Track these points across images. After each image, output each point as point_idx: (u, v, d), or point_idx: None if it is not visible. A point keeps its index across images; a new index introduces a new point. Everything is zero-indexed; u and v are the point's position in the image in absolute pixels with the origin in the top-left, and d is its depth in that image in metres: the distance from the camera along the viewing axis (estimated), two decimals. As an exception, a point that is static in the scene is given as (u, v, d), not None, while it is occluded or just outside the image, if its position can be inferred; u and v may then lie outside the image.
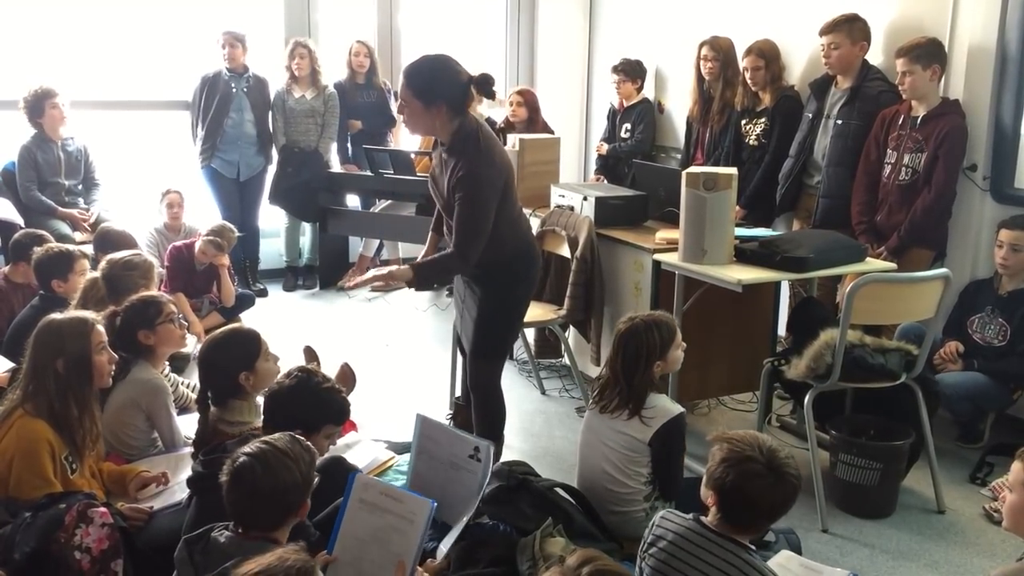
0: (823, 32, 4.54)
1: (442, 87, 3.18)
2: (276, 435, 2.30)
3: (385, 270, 3.32)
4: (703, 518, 2.30)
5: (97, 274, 3.90)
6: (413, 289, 3.23)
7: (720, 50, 5.23)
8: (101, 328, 2.99)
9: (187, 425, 3.42)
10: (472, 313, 3.48)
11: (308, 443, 2.32)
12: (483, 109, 6.31)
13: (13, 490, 2.73)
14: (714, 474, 2.24)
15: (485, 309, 3.43)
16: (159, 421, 3.36)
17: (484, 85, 3.25)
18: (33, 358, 2.86)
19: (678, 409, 3.04)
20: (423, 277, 3.33)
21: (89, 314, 3.07)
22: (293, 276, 6.75)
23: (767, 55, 4.91)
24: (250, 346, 3.06)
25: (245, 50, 6.21)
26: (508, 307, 3.49)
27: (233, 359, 3.00)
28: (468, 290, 3.51)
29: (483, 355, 3.52)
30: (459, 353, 3.96)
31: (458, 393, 4.14)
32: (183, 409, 3.67)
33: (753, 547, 2.28)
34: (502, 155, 3.34)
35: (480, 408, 3.60)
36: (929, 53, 4.16)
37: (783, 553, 2.76)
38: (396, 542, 2.35)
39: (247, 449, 2.22)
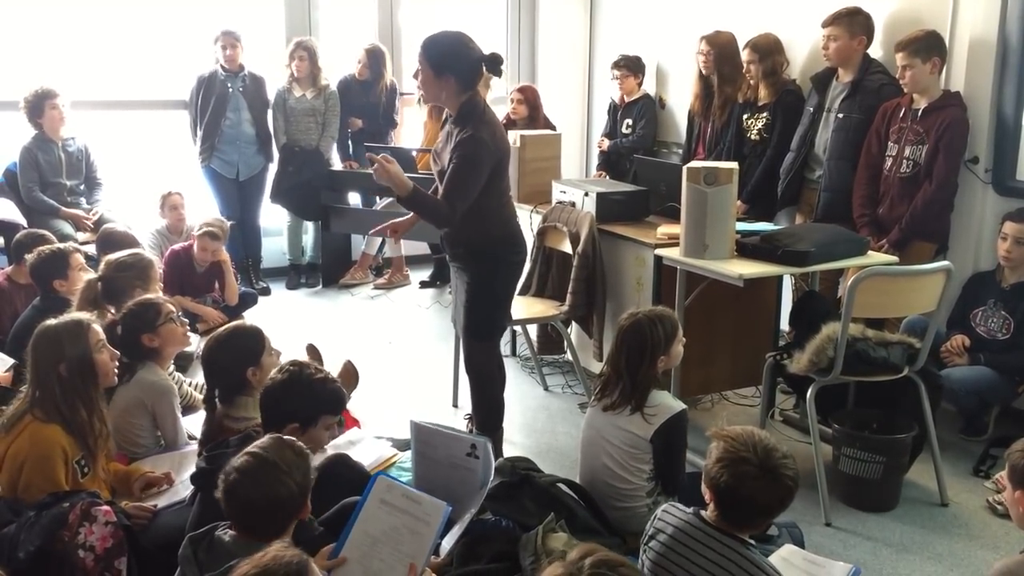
0: (824, 24, 4.54)
1: (452, 61, 3.40)
2: (265, 442, 2.24)
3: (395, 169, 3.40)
4: (703, 512, 2.31)
5: (94, 275, 3.90)
6: (398, 200, 3.46)
7: (715, 45, 5.22)
8: (97, 327, 2.99)
9: (192, 424, 3.44)
10: (462, 297, 3.64)
11: (301, 446, 2.29)
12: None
13: (22, 493, 2.74)
14: (710, 472, 2.25)
15: (472, 291, 3.60)
16: (164, 421, 3.38)
17: (492, 63, 3.47)
18: (35, 365, 2.87)
19: (680, 406, 3.04)
20: (414, 198, 3.43)
21: (83, 315, 3.08)
22: (296, 274, 6.76)
23: (761, 49, 4.90)
24: (254, 342, 3.08)
25: (242, 49, 6.22)
26: (493, 288, 3.64)
27: (239, 356, 3.02)
28: (458, 278, 3.69)
29: (473, 335, 3.67)
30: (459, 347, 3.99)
31: (461, 396, 4.17)
32: (188, 408, 3.68)
33: (752, 542, 2.28)
34: (502, 133, 3.54)
35: (476, 391, 3.72)
36: (928, 46, 4.15)
37: (786, 547, 2.75)
38: (408, 543, 2.36)
39: (237, 463, 2.18)
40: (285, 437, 2.30)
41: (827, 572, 2.64)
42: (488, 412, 3.69)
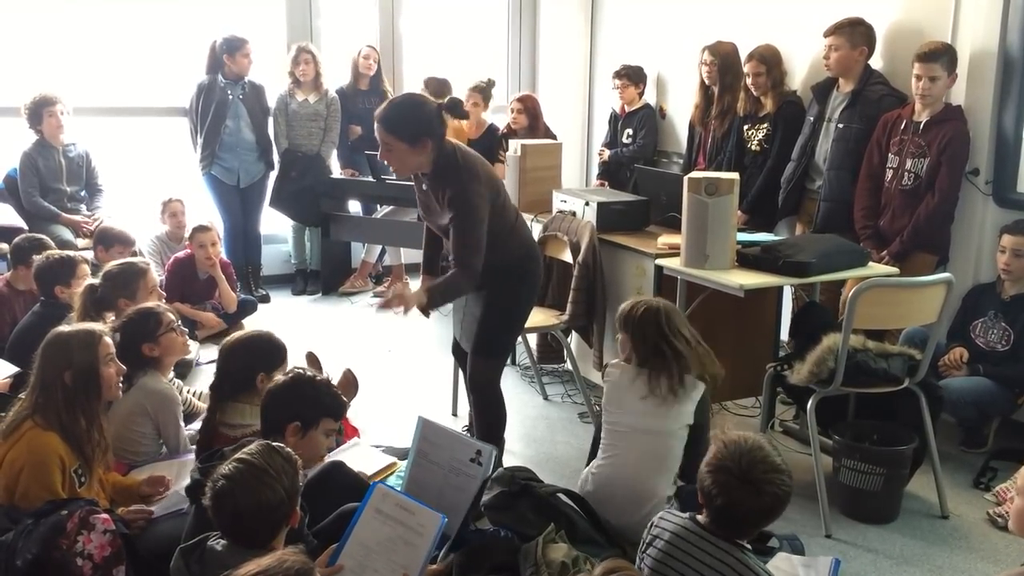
0: (826, 34, 4.55)
1: (423, 124, 3.27)
2: (253, 448, 2.24)
3: (397, 291, 3.42)
4: (699, 517, 2.31)
5: (95, 281, 3.90)
6: (424, 313, 3.41)
7: (718, 55, 5.24)
8: (108, 340, 2.99)
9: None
10: (476, 312, 3.54)
11: (290, 452, 2.29)
12: (487, 115, 6.33)
13: (19, 500, 2.73)
14: (700, 475, 2.28)
15: (489, 308, 3.50)
16: (167, 429, 3.39)
17: (454, 108, 3.39)
18: (41, 371, 2.86)
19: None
20: (434, 299, 3.39)
21: (96, 326, 3.08)
22: (302, 280, 6.76)
23: (768, 60, 4.91)
24: (275, 354, 3.12)
25: None
26: (511, 306, 3.57)
27: (257, 359, 3.05)
28: (472, 294, 3.57)
29: (484, 353, 3.57)
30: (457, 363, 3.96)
31: (461, 405, 4.15)
32: (189, 416, 3.67)
33: (748, 546, 2.28)
34: (484, 167, 3.43)
35: (479, 408, 3.65)
36: (952, 60, 4.16)
37: (778, 555, 2.76)
38: (403, 553, 2.35)
39: (224, 471, 2.17)
40: (274, 443, 2.30)
41: (813, 569, 2.64)
42: (489, 427, 3.64)
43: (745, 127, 5.14)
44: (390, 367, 5.17)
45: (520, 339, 4.86)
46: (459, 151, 3.37)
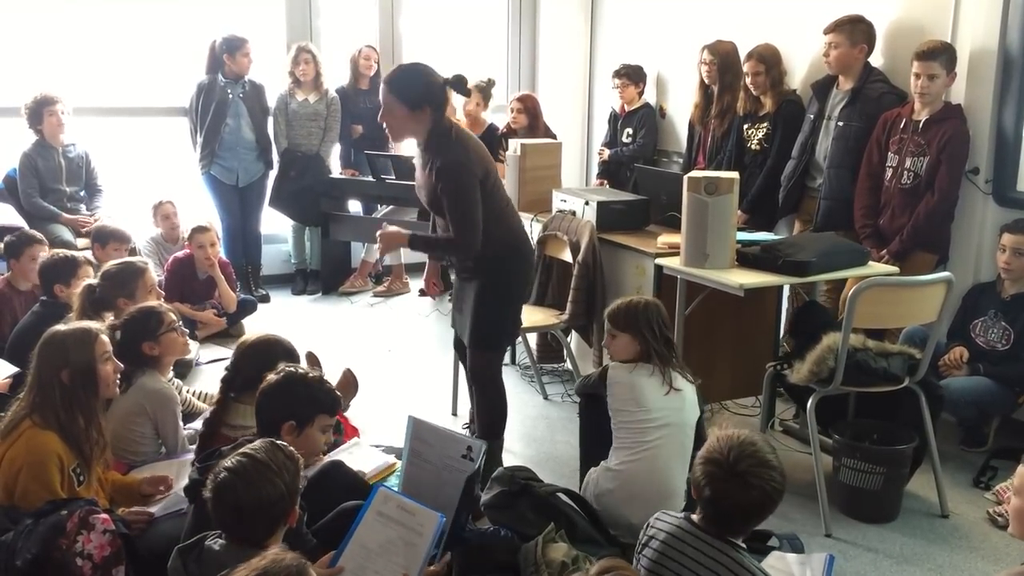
0: (826, 31, 4.54)
1: (426, 92, 3.35)
2: (257, 444, 2.25)
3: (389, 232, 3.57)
4: (693, 516, 2.31)
5: (93, 281, 3.91)
6: (408, 246, 3.57)
7: (718, 54, 5.24)
8: (105, 338, 2.99)
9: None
10: (469, 306, 3.59)
11: (292, 450, 2.29)
12: (487, 115, 6.33)
13: (19, 500, 2.72)
14: (693, 469, 2.29)
15: (481, 300, 3.55)
16: (165, 429, 3.39)
17: (459, 85, 3.46)
18: (38, 370, 2.86)
19: None
20: (418, 241, 3.54)
21: (93, 324, 3.07)
22: (302, 280, 6.76)
23: (767, 60, 4.91)
24: (286, 358, 3.11)
25: None
26: (503, 299, 3.60)
27: (271, 363, 3.03)
28: (464, 287, 3.64)
29: (481, 346, 3.62)
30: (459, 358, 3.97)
31: (461, 404, 4.15)
32: (188, 416, 3.68)
33: (743, 546, 2.28)
34: (477, 148, 3.49)
35: (481, 401, 3.69)
36: (951, 58, 4.16)
37: (772, 554, 2.76)
38: (403, 554, 2.36)
39: (227, 464, 2.19)
40: (277, 441, 2.31)
41: (808, 566, 2.64)
42: (490, 422, 3.67)
43: (745, 126, 5.13)
44: (390, 367, 5.17)
45: (520, 338, 4.86)
46: (455, 128, 3.46)
